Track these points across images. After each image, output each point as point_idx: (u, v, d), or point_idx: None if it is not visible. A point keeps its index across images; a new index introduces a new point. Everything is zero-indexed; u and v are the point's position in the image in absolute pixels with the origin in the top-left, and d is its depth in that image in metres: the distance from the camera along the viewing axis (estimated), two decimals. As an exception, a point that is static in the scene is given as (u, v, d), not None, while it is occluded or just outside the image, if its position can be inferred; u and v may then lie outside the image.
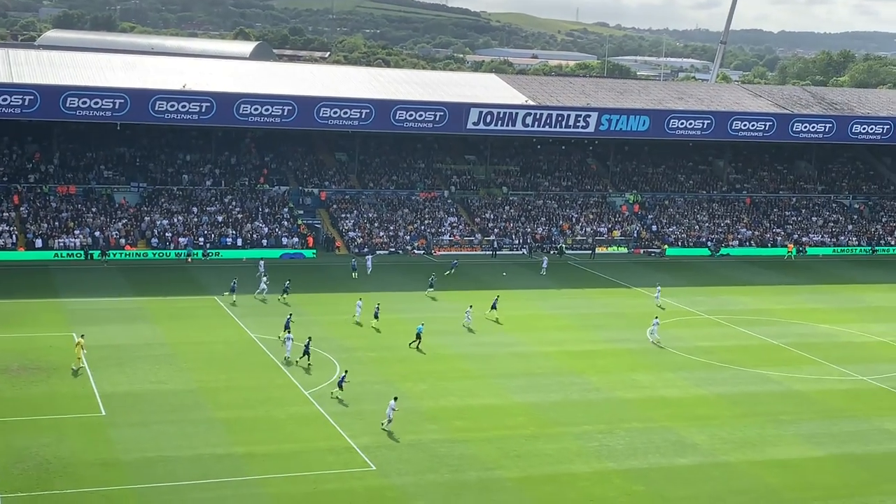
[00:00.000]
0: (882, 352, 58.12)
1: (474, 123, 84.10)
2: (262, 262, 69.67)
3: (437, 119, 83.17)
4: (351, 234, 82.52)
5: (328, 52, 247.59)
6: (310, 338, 51.07)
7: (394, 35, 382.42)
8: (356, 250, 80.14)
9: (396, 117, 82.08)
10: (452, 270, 73.28)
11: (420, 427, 42.35)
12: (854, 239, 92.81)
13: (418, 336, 54.40)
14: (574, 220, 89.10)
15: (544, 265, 76.22)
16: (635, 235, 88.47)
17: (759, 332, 61.26)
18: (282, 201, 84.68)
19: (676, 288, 72.31)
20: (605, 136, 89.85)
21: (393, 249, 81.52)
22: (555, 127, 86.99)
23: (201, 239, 77.30)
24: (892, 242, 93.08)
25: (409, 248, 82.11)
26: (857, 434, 44.25)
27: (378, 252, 79.47)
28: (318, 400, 44.94)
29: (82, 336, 49.81)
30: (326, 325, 57.82)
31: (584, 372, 51.23)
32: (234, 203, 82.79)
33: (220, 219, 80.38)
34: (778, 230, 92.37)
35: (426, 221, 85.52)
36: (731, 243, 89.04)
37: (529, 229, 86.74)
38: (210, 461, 37.59)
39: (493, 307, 61.02)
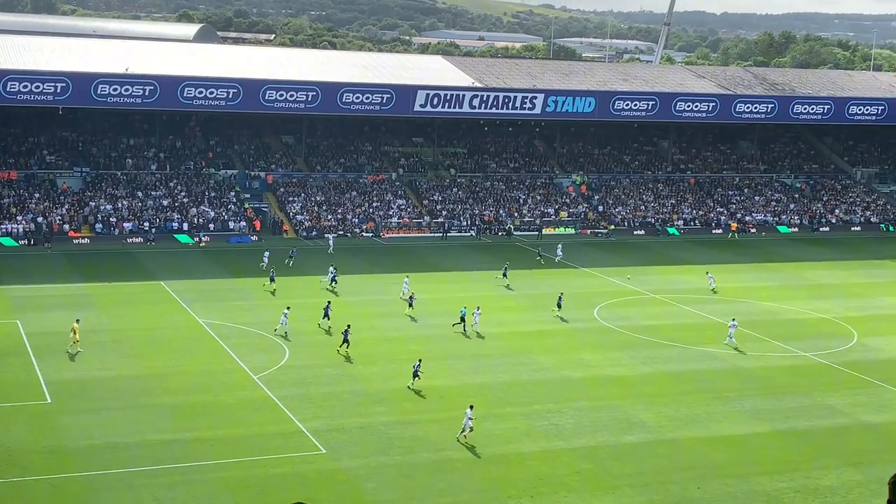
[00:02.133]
0: (823, 328, 59.18)
1: (421, 106, 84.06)
2: (266, 253, 68.68)
3: (384, 101, 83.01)
4: (299, 217, 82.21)
5: (273, 35, 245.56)
6: (349, 325, 50.86)
7: (340, 17, 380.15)
8: (304, 234, 79.86)
9: (343, 100, 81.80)
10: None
11: (370, 409, 42.43)
12: (796, 217, 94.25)
13: (462, 319, 55.06)
14: (521, 201, 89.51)
15: (559, 252, 75.53)
16: (582, 216, 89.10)
17: (703, 310, 62.07)
18: (228, 185, 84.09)
19: (623, 268, 72.96)
20: (551, 117, 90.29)
21: (341, 232, 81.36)
22: (502, 109, 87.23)
23: (146, 224, 76.55)
24: (833, 220, 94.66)
25: (357, 230, 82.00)
26: (800, 409, 45.08)
27: (326, 235, 79.23)
28: (268, 384, 44.83)
29: (77, 321, 49.23)
30: (276, 310, 57.59)
31: (532, 352, 51.61)
32: (179, 187, 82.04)
33: (165, 203, 79.63)
34: (721, 209, 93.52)
35: (374, 204, 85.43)
36: (675, 223, 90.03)
37: (477, 211, 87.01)
38: (158, 447, 37.37)
39: (559, 305, 59.08)
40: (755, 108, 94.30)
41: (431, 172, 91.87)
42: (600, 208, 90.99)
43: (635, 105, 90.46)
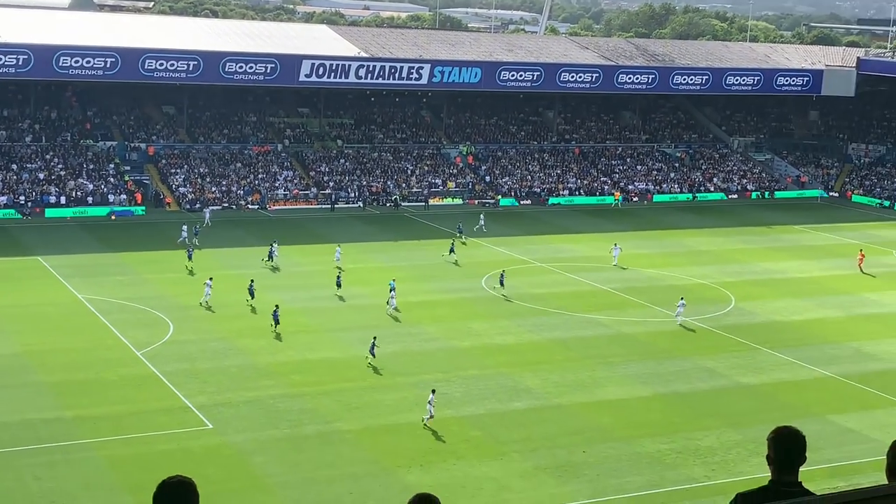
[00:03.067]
0: (703, 293, 60.80)
1: (307, 76, 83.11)
2: (184, 227, 66.97)
3: (269, 71, 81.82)
4: (181, 189, 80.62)
5: (152, 3, 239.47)
6: (277, 305, 49.48)
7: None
8: (188, 206, 78.38)
9: (226, 70, 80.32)
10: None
11: (257, 383, 42.06)
12: (676, 186, 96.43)
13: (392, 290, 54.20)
14: (409, 172, 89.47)
15: (482, 221, 75.35)
16: (469, 187, 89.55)
17: (588, 278, 63.16)
18: (107, 157, 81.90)
19: (509, 238, 73.68)
20: (437, 87, 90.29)
21: (226, 205, 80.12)
22: (388, 79, 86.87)
23: (21, 197, 74.12)
24: (712, 189, 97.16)
25: (242, 203, 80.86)
26: (681, 373, 46.33)
27: (211, 207, 77.92)
28: (152, 360, 44.02)
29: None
30: (159, 284, 56.57)
31: (421, 322, 51.81)
32: (56, 160, 79.58)
33: (41, 176, 77.17)
34: (605, 179, 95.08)
35: (260, 176, 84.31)
36: (561, 192, 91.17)
37: (365, 182, 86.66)
38: (39, 426, 36.42)
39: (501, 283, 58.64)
40: (637, 78, 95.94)
41: (318, 143, 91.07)
42: (487, 178, 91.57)
43: (521, 76, 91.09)
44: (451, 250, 66.06)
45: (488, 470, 35.08)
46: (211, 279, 53.87)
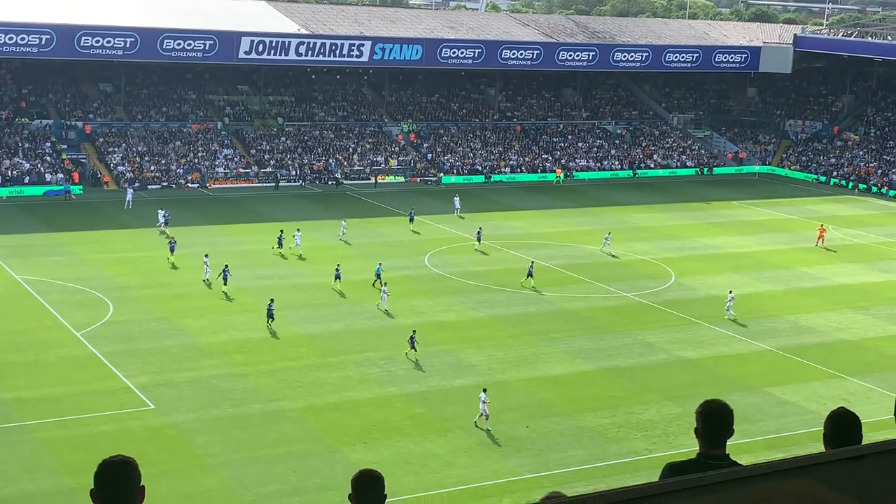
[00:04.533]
0: (643, 269, 61.45)
1: (246, 53, 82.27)
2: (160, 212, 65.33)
3: (207, 48, 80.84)
4: (120, 168, 79.49)
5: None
6: (272, 299, 47.62)
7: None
8: (126, 185, 77.30)
9: (164, 46, 79.21)
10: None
11: (199, 363, 41.78)
12: (617, 163, 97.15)
13: (378, 276, 53.62)
14: (351, 150, 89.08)
15: (457, 205, 74.57)
16: (412, 164, 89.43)
17: (531, 254, 63.45)
18: (43, 135, 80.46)
19: (452, 215, 73.72)
20: (379, 65, 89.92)
21: (165, 183, 79.19)
22: (329, 56, 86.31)
23: (-45, 177, 72.66)
24: (652, 165, 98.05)
25: (182, 181, 79.98)
26: (622, 348, 46.85)
27: (149, 186, 76.97)
28: (92, 341, 43.49)
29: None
30: (98, 264, 55.82)
31: (364, 301, 51.74)
32: (-10, 138, 78.03)
33: (-25, 155, 75.66)
34: (546, 156, 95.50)
35: (199, 154, 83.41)
36: (503, 170, 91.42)
37: (307, 160, 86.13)
38: (-24, 410, 35.84)
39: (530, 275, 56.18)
40: (577, 55, 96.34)
41: (258, 121, 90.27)
42: (429, 156, 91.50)
43: (462, 53, 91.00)
44: (411, 220, 68.23)
45: (432, 447, 35.25)
46: (207, 256, 53.68)
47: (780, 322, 51.64)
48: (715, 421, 5.72)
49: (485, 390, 37.27)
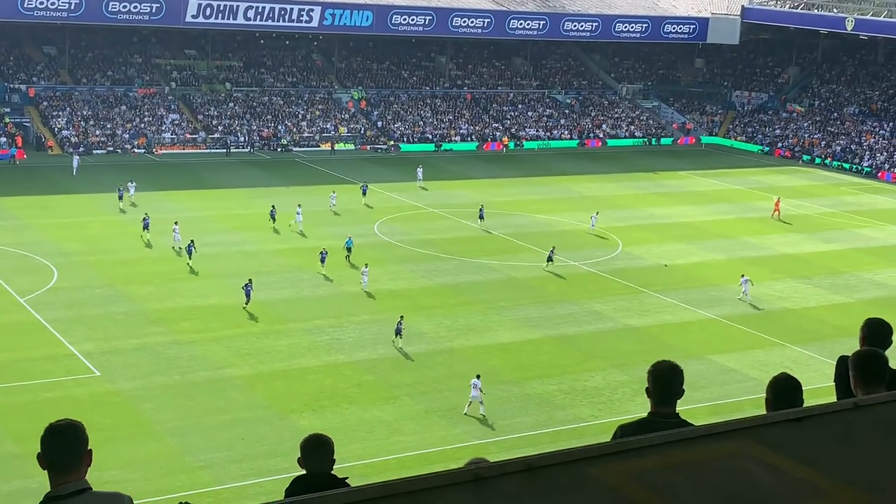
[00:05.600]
0: (590, 238, 61.84)
1: (193, 16, 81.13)
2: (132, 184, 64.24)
3: (154, 11, 79.60)
4: (64, 132, 78.24)
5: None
6: (250, 279, 45.54)
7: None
8: (70, 150, 76.13)
9: (109, 9, 77.87)
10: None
11: (146, 330, 41.45)
12: (566, 132, 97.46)
13: (349, 249, 52.57)
14: (300, 116, 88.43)
15: (419, 175, 73.44)
16: (362, 132, 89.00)
17: (480, 223, 63.56)
18: (-15, 99, 78.91)
19: (401, 183, 73.63)
20: (329, 31, 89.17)
21: (111, 148, 78.11)
22: (278, 21, 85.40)
23: None
24: (600, 135, 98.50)
25: (128, 146, 78.94)
26: (569, 316, 47.20)
27: (95, 151, 75.85)
28: (35, 307, 42.94)
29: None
30: (42, 229, 55.02)
31: (312, 268, 51.56)
32: (-71, 101, 76.37)
33: (-86, 118, 74.04)
34: (497, 125, 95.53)
35: (146, 119, 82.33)
36: (453, 138, 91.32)
37: (255, 126, 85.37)
38: (-84, 377, 35.32)
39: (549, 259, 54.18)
40: (528, 24, 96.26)
41: (206, 86, 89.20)
42: (379, 124, 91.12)
43: (412, 20, 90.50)
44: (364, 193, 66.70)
45: (380, 413, 35.37)
46: (177, 223, 53.05)
47: (724, 291, 52.30)
48: (664, 380, 5.84)
49: (478, 376, 36.13)
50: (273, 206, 59.06)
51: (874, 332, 6.63)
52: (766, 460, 3.89)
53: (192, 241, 50.65)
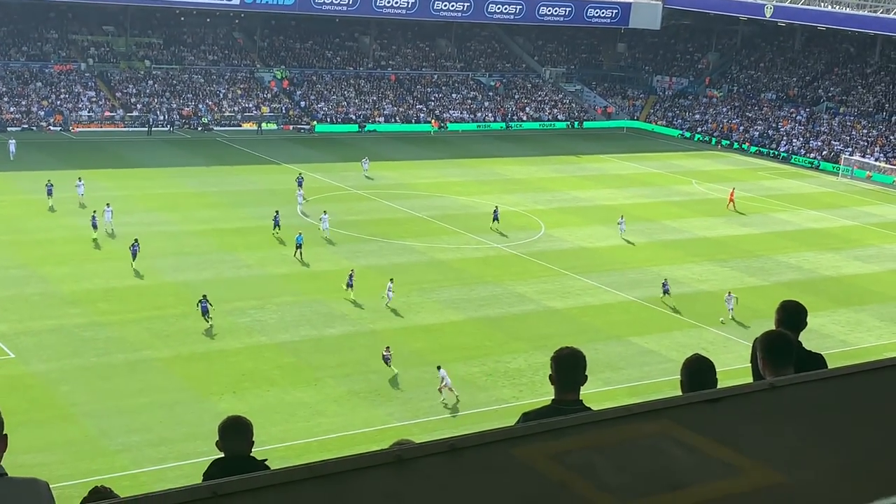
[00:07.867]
0: (514, 220, 62.18)
1: (111, -8, 79.49)
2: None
3: (70, -14, 77.77)
4: (-24, 109, 76.21)
5: None
6: (204, 295, 41.74)
7: None
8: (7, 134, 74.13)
9: (23, -18, 75.90)
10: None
11: (62, 312, 40.66)
12: (490, 115, 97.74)
13: (298, 246, 50.24)
14: (221, 95, 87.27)
15: (365, 165, 71.09)
16: (284, 112, 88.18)
17: (403, 205, 63.54)
18: None
19: (325, 164, 73.19)
20: (250, 9, 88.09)
21: (26, 126, 76.27)
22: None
23: None
24: (524, 118, 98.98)
25: (43, 124, 77.16)
26: (492, 298, 47.43)
27: (9, 128, 73.94)
28: (-54, 288, 41.84)
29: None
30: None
31: (235, 249, 51.06)
32: None
33: None
34: (421, 106, 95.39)
35: (62, 96, 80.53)
36: (377, 119, 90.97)
37: (175, 105, 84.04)
38: None
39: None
40: (452, 6, 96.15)
41: (124, 63, 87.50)
42: (302, 104, 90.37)
43: (336, 0, 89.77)
44: (300, 184, 62.71)
45: (302, 395, 35.20)
46: (109, 204, 51.97)
47: (644, 273, 52.99)
48: (566, 367, 5.85)
49: (439, 367, 36.11)
50: (277, 212, 54.81)
51: (789, 314, 6.75)
52: (684, 440, 3.93)
53: (137, 241, 47.56)
